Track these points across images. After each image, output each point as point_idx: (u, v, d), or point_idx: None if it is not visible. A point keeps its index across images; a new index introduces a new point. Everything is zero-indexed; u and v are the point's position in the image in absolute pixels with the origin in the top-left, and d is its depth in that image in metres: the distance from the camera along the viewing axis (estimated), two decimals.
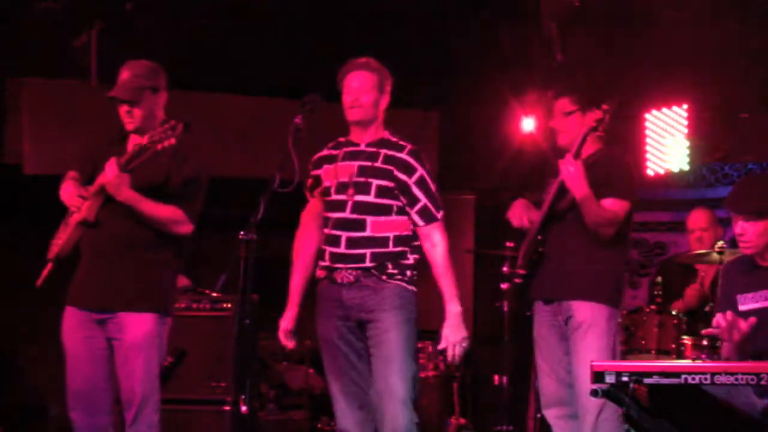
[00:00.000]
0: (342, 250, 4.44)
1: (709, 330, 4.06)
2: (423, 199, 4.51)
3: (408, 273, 4.51)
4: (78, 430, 4.60)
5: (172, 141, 4.43)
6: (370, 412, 4.47)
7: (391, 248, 4.46)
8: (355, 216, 4.45)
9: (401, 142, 4.56)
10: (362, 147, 4.54)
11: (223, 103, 7.18)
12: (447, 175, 7.99)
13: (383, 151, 4.50)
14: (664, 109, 7.38)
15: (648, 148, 7.45)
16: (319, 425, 6.71)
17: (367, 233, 4.43)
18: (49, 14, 6.95)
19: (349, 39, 7.36)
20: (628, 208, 4.89)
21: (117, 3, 7.03)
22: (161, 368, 4.71)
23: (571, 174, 4.77)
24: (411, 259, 4.53)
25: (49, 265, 4.68)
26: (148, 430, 4.55)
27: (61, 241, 4.63)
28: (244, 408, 3.86)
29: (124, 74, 4.66)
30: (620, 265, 4.99)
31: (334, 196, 4.51)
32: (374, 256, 4.43)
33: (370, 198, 4.46)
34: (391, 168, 4.47)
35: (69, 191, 4.63)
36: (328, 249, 4.50)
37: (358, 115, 4.50)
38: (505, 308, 6.66)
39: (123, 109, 4.62)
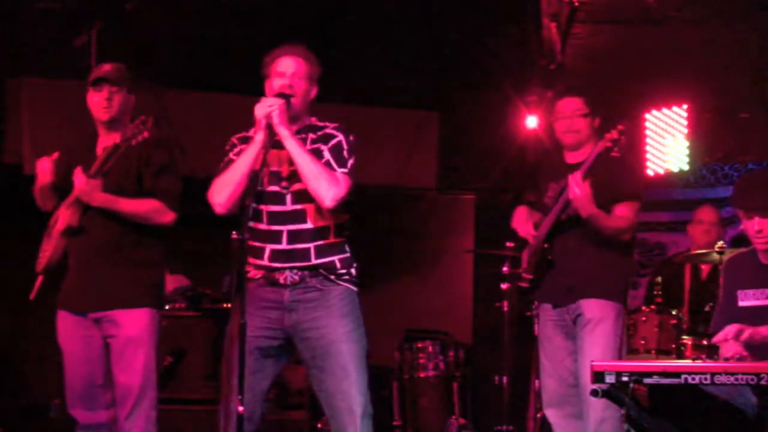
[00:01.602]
0: (284, 246, 4.16)
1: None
2: (327, 156, 4.17)
3: (353, 271, 4.25)
4: (79, 427, 4.64)
5: (146, 134, 4.47)
6: (254, 422, 4.16)
7: (332, 239, 4.20)
8: (295, 207, 4.17)
9: (326, 123, 4.30)
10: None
11: (223, 103, 7.18)
12: (447, 175, 8.03)
13: (310, 135, 4.24)
14: (664, 109, 7.38)
15: (648, 148, 7.45)
16: (319, 425, 6.70)
17: (309, 225, 4.16)
18: (49, 14, 6.95)
19: (349, 39, 7.38)
20: (638, 208, 4.93)
21: (117, 3, 7.03)
22: (160, 367, 4.73)
23: (578, 196, 4.75)
24: (349, 251, 4.26)
25: (40, 278, 4.74)
26: (147, 424, 4.57)
27: (48, 252, 4.69)
28: (241, 408, 3.86)
29: (106, 66, 4.73)
30: (628, 264, 5.02)
31: (268, 187, 4.20)
32: (318, 251, 4.17)
33: (305, 184, 4.16)
34: (318, 145, 4.20)
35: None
36: (268, 246, 4.18)
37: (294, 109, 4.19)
38: (505, 308, 6.65)
39: (102, 95, 4.64)
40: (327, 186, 4.10)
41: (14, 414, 6.78)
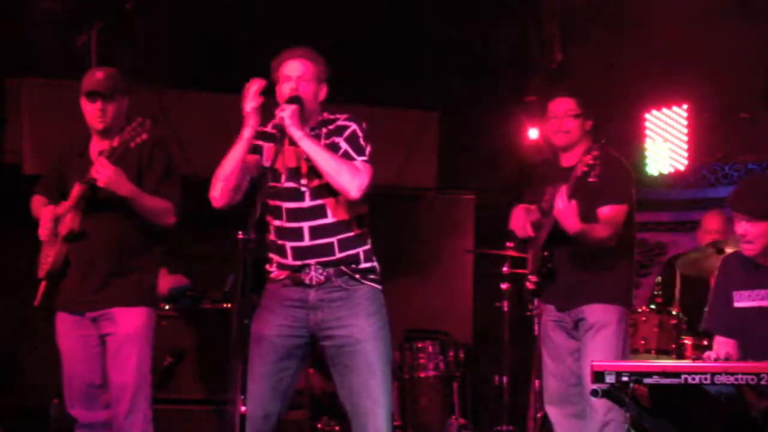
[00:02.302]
0: (307, 242, 4.17)
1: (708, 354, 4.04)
2: (344, 146, 4.19)
3: (377, 267, 4.29)
4: (79, 425, 4.65)
5: (144, 136, 4.48)
6: (270, 422, 4.21)
7: (355, 231, 4.22)
8: (315, 203, 4.18)
9: (337, 115, 4.30)
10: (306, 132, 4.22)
11: (223, 103, 7.18)
12: (447, 175, 8.02)
13: (324, 130, 4.24)
14: (664, 109, 7.38)
15: (648, 148, 7.45)
16: (319, 425, 6.71)
17: (329, 219, 4.18)
18: (49, 14, 6.95)
19: (349, 39, 7.37)
20: (625, 212, 4.90)
21: (117, 3, 7.03)
22: (160, 367, 4.75)
23: (562, 213, 4.73)
24: (370, 243, 4.29)
25: (43, 284, 4.74)
26: (144, 422, 4.59)
27: (50, 258, 4.70)
28: (243, 408, 3.86)
29: (98, 74, 4.73)
30: (629, 267, 5.01)
31: (286, 183, 4.20)
32: (342, 245, 4.19)
33: (324, 180, 4.15)
34: (333, 138, 4.22)
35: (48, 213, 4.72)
36: (288, 244, 4.19)
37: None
38: (505, 308, 6.65)
39: (96, 107, 4.65)
40: (350, 178, 4.11)
41: (14, 414, 6.77)
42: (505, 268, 6.59)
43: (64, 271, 4.68)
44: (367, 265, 4.27)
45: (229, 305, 6.21)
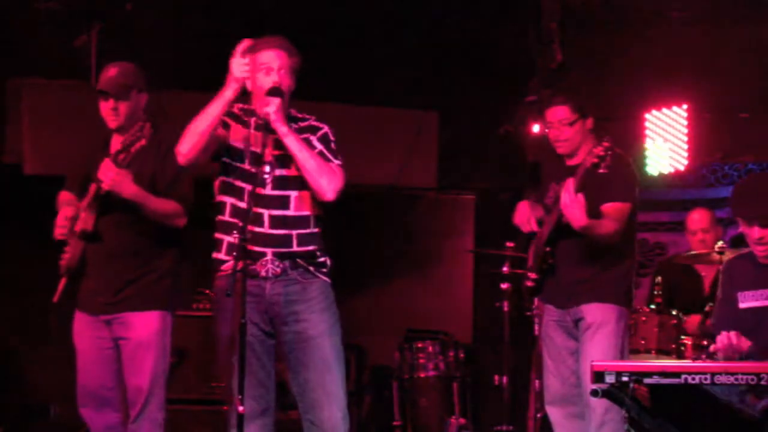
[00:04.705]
0: (266, 230, 4.17)
1: (713, 347, 4.03)
2: (318, 146, 4.24)
3: (329, 262, 4.30)
4: (90, 427, 4.68)
5: (143, 142, 4.49)
6: (271, 415, 4.27)
7: (312, 228, 4.23)
8: (278, 192, 4.20)
9: (305, 115, 4.35)
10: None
11: None
12: (447, 175, 8.02)
13: (295, 126, 4.26)
14: (664, 109, 7.38)
15: (648, 148, 7.45)
16: None
17: (291, 211, 4.20)
18: (49, 14, 6.95)
19: (349, 40, 7.38)
20: (629, 209, 4.90)
21: (117, 3, 7.04)
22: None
23: (568, 206, 4.71)
24: (322, 243, 4.29)
25: (63, 280, 4.71)
26: (152, 427, 4.58)
27: (68, 254, 4.68)
28: (242, 408, 3.87)
29: (111, 71, 4.71)
30: (630, 266, 5.02)
31: (249, 166, 4.21)
32: (300, 239, 4.20)
33: (292, 171, 4.20)
34: (306, 135, 4.25)
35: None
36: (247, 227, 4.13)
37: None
38: (505, 308, 6.65)
39: (108, 105, 4.65)
40: (328, 180, 4.16)
41: (15, 414, 6.78)
42: (505, 268, 6.60)
43: (82, 269, 4.65)
44: (322, 260, 4.28)
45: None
